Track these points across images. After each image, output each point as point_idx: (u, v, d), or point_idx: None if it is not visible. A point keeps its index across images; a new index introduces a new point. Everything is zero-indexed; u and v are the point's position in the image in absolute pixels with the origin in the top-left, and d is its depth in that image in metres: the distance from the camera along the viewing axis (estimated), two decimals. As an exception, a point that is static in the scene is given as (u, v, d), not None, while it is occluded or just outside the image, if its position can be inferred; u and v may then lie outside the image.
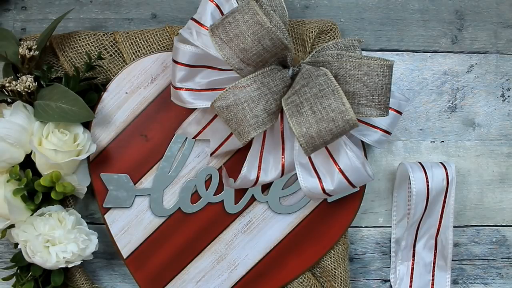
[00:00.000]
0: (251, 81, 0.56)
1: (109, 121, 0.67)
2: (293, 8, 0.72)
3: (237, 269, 0.69)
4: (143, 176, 0.67)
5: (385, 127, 0.64)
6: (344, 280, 0.69)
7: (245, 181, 0.63)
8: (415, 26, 0.74)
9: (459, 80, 0.74)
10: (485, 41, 0.74)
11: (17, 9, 0.71)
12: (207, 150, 0.67)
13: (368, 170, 0.61)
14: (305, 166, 0.61)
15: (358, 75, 0.56)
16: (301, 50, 0.68)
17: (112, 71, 0.68)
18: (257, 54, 0.55)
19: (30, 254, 0.60)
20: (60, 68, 0.68)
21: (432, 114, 0.74)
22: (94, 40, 0.68)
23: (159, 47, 0.68)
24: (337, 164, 0.60)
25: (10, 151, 0.60)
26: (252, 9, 0.54)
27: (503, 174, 0.74)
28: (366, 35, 0.73)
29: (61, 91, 0.62)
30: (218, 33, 0.55)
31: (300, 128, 0.54)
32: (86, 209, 0.70)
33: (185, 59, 0.59)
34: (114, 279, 0.71)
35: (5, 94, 0.62)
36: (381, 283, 0.73)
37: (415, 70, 0.74)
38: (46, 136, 0.61)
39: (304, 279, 0.69)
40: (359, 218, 0.72)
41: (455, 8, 0.74)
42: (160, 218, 0.67)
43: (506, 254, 0.74)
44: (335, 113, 0.53)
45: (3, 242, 0.69)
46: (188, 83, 0.60)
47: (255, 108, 0.56)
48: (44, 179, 0.60)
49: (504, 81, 0.74)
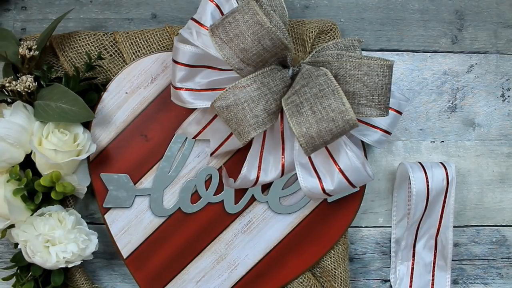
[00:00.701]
0: (251, 81, 0.56)
1: (109, 121, 0.67)
2: (293, 8, 0.72)
3: (237, 269, 0.69)
4: (143, 176, 0.67)
5: (385, 127, 0.64)
6: (344, 280, 0.69)
7: (245, 181, 0.63)
8: (415, 26, 0.74)
9: (459, 80, 0.74)
10: (485, 41, 0.74)
11: (17, 9, 0.71)
12: (207, 150, 0.67)
13: (368, 170, 0.61)
14: (305, 166, 0.61)
15: (358, 75, 0.56)
16: (301, 50, 0.68)
17: (112, 71, 0.68)
18: (257, 54, 0.55)
19: (30, 254, 0.60)
20: (60, 68, 0.68)
21: (432, 114, 0.74)
22: (94, 40, 0.68)
23: (159, 47, 0.68)
24: (337, 164, 0.60)
25: (10, 151, 0.60)
26: (252, 9, 0.54)
27: (503, 174, 0.74)
28: (366, 35, 0.73)
29: (61, 91, 0.62)
30: (218, 33, 0.55)
31: (300, 128, 0.54)
32: (86, 209, 0.70)
33: (185, 59, 0.59)
34: (114, 279, 0.71)
35: (5, 94, 0.62)
36: (381, 283, 0.73)
37: (415, 70, 0.74)
38: (46, 136, 0.61)
39: (304, 279, 0.69)
40: (359, 218, 0.72)
41: (455, 8, 0.74)
42: (160, 218, 0.67)
43: (506, 254, 0.74)
44: (335, 113, 0.53)
45: (3, 242, 0.69)
46: (188, 83, 0.60)
47: (255, 108, 0.56)
48: (44, 179, 0.60)
49: (504, 81, 0.74)
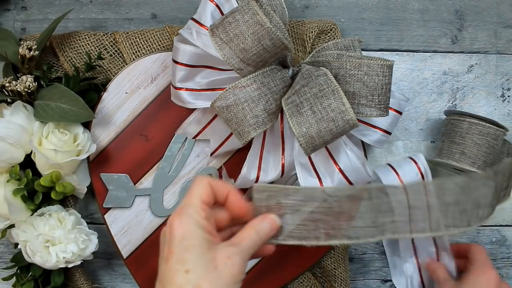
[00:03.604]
0: (251, 81, 0.56)
1: (109, 121, 0.67)
2: (293, 8, 0.72)
3: (237, 269, 0.68)
4: (143, 176, 0.67)
5: (385, 127, 0.64)
6: (344, 280, 0.69)
7: (245, 181, 0.63)
8: (415, 26, 0.74)
9: (459, 80, 0.74)
10: (485, 41, 0.74)
11: (17, 9, 0.71)
12: (207, 150, 0.67)
13: (368, 170, 0.61)
14: (305, 166, 0.61)
15: (358, 75, 0.56)
16: (301, 50, 0.68)
17: (112, 71, 0.68)
18: (257, 54, 0.55)
19: (30, 254, 0.60)
20: (60, 68, 0.68)
21: (432, 114, 0.74)
22: (94, 40, 0.68)
23: (159, 47, 0.68)
24: (337, 164, 0.60)
25: (10, 151, 0.60)
26: (252, 9, 0.54)
27: (503, 174, 0.74)
28: (366, 35, 0.73)
29: (61, 91, 0.62)
30: (218, 33, 0.55)
31: (300, 128, 0.54)
32: (86, 209, 0.70)
33: (185, 59, 0.59)
34: (114, 279, 0.71)
35: (5, 94, 0.62)
36: (381, 283, 0.73)
37: (415, 70, 0.74)
38: (46, 136, 0.61)
39: (304, 279, 0.69)
40: (359, 218, 0.72)
41: (455, 8, 0.74)
42: (160, 218, 0.67)
43: (506, 254, 0.74)
44: (335, 113, 0.53)
45: (3, 242, 0.69)
46: (188, 83, 0.60)
47: (255, 108, 0.56)
48: (44, 179, 0.60)
49: (504, 81, 0.74)
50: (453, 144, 0.66)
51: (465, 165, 0.65)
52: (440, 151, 0.69)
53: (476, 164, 0.65)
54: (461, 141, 0.66)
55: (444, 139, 0.69)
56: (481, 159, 0.65)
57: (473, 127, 0.65)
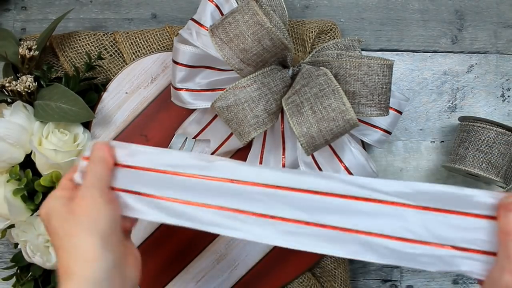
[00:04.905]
0: (251, 81, 0.56)
1: (109, 121, 0.67)
2: (293, 8, 0.72)
3: (237, 269, 0.68)
4: (143, 176, 0.67)
5: (385, 126, 0.64)
6: (344, 280, 0.69)
7: (245, 181, 0.63)
8: (415, 26, 0.74)
9: (459, 80, 0.74)
10: (485, 41, 0.74)
11: (17, 9, 0.71)
12: (207, 150, 0.67)
13: (372, 166, 0.61)
14: (309, 165, 0.61)
15: (358, 74, 0.56)
16: (301, 50, 0.68)
17: (112, 71, 0.68)
18: (257, 54, 0.55)
19: (30, 254, 0.60)
20: (60, 68, 0.68)
21: (432, 114, 0.74)
22: (94, 40, 0.68)
23: (159, 47, 0.68)
24: (342, 161, 0.60)
25: (10, 151, 0.60)
26: (252, 9, 0.54)
27: (503, 174, 0.74)
28: (366, 35, 0.73)
29: (61, 91, 0.62)
30: (218, 33, 0.55)
31: (301, 128, 0.54)
32: (86, 209, 0.70)
33: (185, 59, 0.59)
34: (114, 279, 0.71)
35: (5, 94, 0.62)
36: (381, 283, 0.73)
37: (415, 70, 0.74)
38: (46, 136, 0.61)
39: (304, 279, 0.69)
40: (359, 218, 0.72)
41: (455, 8, 0.74)
42: (160, 218, 0.67)
43: None
44: (336, 113, 0.53)
45: (3, 242, 0.69)
46: (188, 83, 0.60)
47: (255, 108, 0.56)
48: (44, 179, 0.60)
49: (504, 81, 0.74)
50: (479, 152, 0.66)
51: (491, 175, 0.65)
52: (462, 158, 0.68)
53: (500, 173, 0.65)
54: (488, 151, 0.65)
55: (467, 146, 0.67)
56: (504, 169, 0.65)
57: (500, 137, 0.65)
